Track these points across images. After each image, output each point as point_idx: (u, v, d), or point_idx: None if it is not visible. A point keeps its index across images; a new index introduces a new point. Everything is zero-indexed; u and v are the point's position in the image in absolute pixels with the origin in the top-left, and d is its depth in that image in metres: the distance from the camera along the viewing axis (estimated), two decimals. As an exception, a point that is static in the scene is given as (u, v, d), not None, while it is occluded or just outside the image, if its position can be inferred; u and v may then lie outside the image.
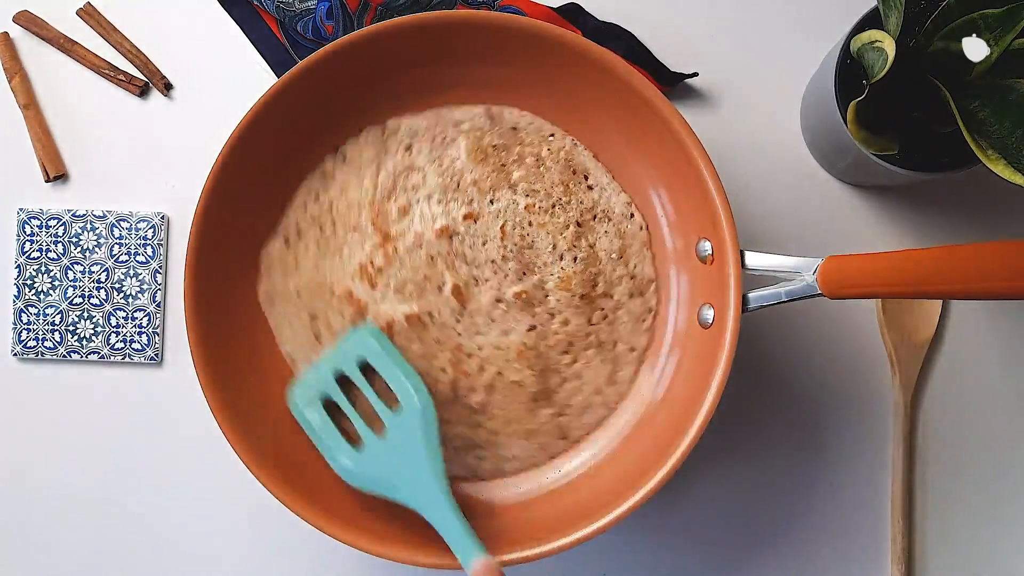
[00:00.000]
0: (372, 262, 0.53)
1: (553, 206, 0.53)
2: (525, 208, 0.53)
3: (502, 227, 0.52)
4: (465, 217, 0.53)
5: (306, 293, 0.53)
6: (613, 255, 0.52)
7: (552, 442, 0.53)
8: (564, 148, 0.53)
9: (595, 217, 0.53)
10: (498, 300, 0.52)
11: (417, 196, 0.53)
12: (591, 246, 0.53)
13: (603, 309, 0.53)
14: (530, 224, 0.53)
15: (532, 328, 0.52)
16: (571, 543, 0.46)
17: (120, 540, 0.59)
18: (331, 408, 0.50)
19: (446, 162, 0.53)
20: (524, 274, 0.52)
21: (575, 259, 0.52)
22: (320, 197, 0.53)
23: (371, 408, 0.50)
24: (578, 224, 0.53)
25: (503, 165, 0.53)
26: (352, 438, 0.50)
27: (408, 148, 0.53)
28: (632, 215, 0.53)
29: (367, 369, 0.50)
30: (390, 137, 0.53)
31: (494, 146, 0.53)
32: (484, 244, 0.52)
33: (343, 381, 0.51)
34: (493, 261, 0.52)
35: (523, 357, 0.52)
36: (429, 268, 0.52)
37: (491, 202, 0.53)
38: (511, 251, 0.52)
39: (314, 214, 0.53)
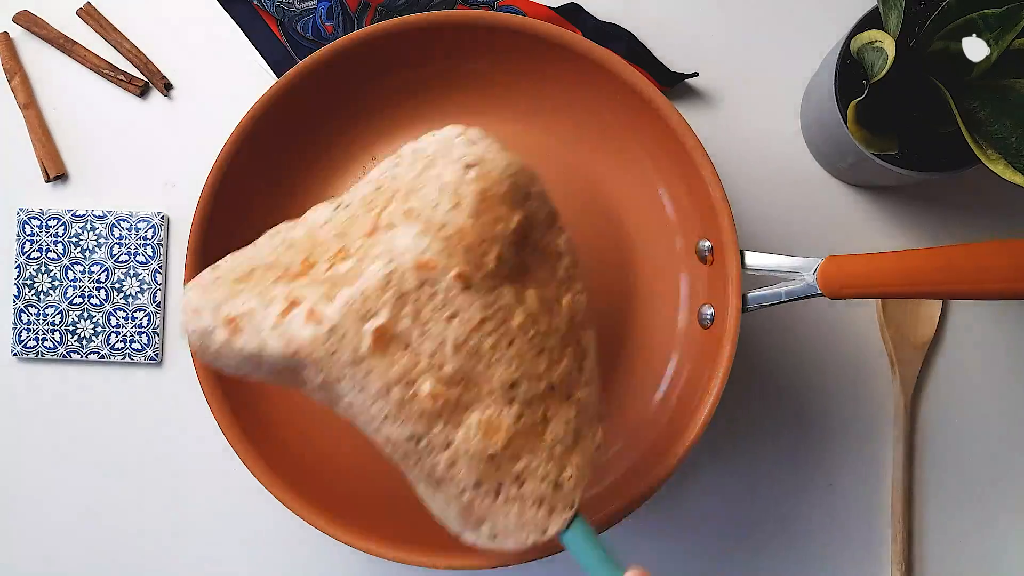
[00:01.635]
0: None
1: (542, 350, 0.36)
2: (518, 326, 0.36)
3: (482, 319, 0.35)
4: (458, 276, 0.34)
5: None
6: (558, 446, 0.37)
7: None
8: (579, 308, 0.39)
9: (568, 396, 0.37)
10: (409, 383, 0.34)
11: None
12: (544, 419, 0.36)
13: (501, 484, 0.36)
14: (506, 340, 0.35)
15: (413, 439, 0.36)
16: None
17: (120, 540, 0.59)
18: None
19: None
20: (457, 383, 0.34)
21: (519, 417, 0.35)
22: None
23: None
24: (551, 387, 0.37)
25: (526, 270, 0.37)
26: None
27: None
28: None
29: None
30: None
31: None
32: (450, 319, 0.34)
33: None
34: (443, 342, 0.34)
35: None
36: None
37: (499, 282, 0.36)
38: (469, 347, 0.34)
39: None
